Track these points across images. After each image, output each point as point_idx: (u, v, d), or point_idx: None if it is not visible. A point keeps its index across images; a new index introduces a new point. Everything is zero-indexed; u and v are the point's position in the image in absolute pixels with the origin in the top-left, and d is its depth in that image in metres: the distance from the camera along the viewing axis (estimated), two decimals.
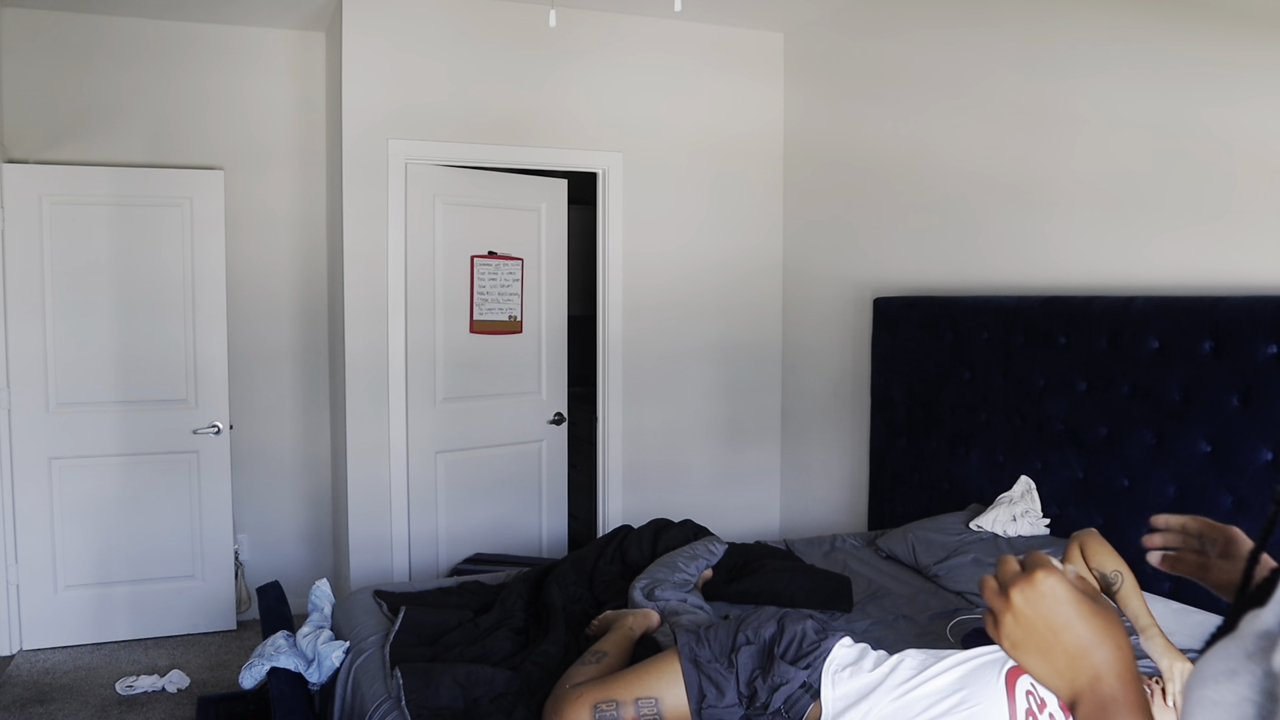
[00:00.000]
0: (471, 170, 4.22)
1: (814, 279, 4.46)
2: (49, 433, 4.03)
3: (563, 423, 4.59)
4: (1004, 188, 3.38)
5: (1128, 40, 2.88)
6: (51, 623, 4.08)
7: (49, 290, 3.99)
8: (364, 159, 3.94)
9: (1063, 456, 3.05)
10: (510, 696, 2.18)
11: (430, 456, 4.17)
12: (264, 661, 2.52)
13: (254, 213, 4.36)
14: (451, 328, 4.20)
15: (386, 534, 4.07)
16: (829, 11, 4.24)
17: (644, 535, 3.12)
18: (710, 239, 4.54)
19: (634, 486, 4.50)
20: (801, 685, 1.95)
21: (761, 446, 4.73)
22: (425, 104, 4.00)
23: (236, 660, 3.90)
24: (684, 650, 2.04)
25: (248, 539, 4.48)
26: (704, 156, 4.49)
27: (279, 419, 4.49)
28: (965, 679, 1.81)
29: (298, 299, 4.47)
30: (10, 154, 4.00)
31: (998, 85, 3.39)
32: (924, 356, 3.63)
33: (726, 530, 4.44)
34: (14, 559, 4.02)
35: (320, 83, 4.41)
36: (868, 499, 4.05)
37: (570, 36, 4.18)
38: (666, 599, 2.58)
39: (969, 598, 2.84)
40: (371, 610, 2.75)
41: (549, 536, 4.57)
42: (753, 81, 4.55)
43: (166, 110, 4.22)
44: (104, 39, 4.11)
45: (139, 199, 4.08)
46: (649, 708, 1.97)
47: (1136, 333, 2.77)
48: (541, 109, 4.18)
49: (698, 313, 4.55)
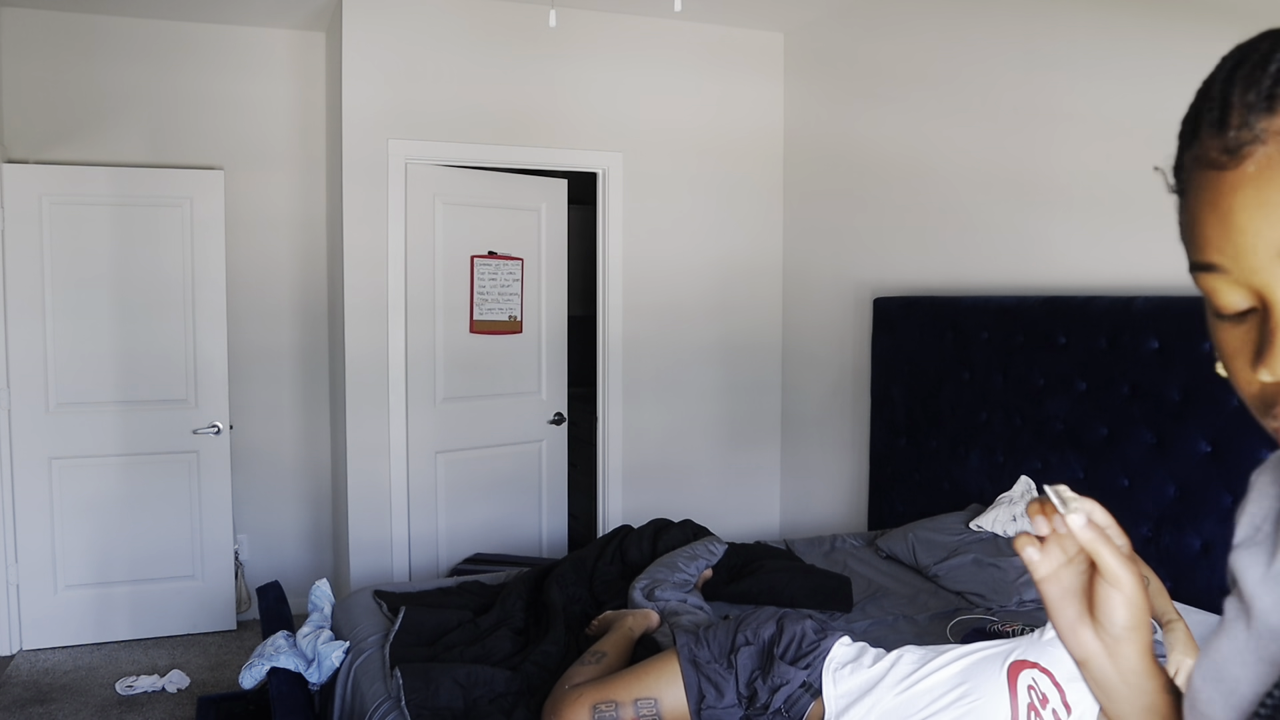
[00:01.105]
0: (471, 170, 4.22)
1: (814, 279, 4.46)
2: (49, 433, 4.03)
3: (563, 423, 4.59)
4: (1004, 187, 3.38)
5: (1127, 39, 2.88)
6: (51, 623, 4.08)
7: (49, 290, 3.99)
8: (364, 159, 3.94)
9: (1063, 456, 3.05)
10: (510, 696, 2.18)
11: (430, 457, 4.17)
12: (264, 661, 2.52)
13: (254, 213, 4.36)
14: (451, 328, 4.20)
15: (386, 534, 4.07)
16: (829, 11, 4.24)
17: (644, 535, 3.12)
18: (710, 239, 4.54)
19: (634, 486, 4.50)
20: (801, 685, 1.95)
21: (762, 446, 4.73)
22: (425, 104, 4.00)
23: (236, 660, 3.90)
24: (683, 651, 2.04)
25: (248, 539, 4.48)
26: (704, 156, 4.49)
27: (279, 419, 4.49)
28: (967, 673, 1.82)
29: (298, 299, 4.47)
30: (10, 154, 4.00)
31: (997, 85, 3.39)
32: (924, 356, 3.63)
33: (726, 530, 4.44)
34: (14, 559, 4.02)
35: (320, 83, 4.41)
36: (868, 499, 4.05)
37: (570, 36, 4.18)
38: (666, 599, 2.58)
39: (969, 598, 2.84)
40: (371, 610, 2.75)
41: (549, 536, 4.57)
42: (753, 81, 4.55)
43: (166, 110, 4.22)
44: (104, 39, 4.11)
45: (139, 199, 4.08)
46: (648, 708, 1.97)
47: (1136, 333, 2.77)
48: (541, 109, 4.18)
49: (698, 312, 4.55)
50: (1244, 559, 0.67)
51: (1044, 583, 0.71)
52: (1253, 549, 0.67)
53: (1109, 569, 0.66)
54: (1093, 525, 0.66)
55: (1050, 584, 0.71)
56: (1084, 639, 0.70)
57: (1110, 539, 0.67)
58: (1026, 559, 0.71)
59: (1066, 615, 0.71)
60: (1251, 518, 0.70)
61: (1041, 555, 0.70)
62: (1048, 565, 0.70)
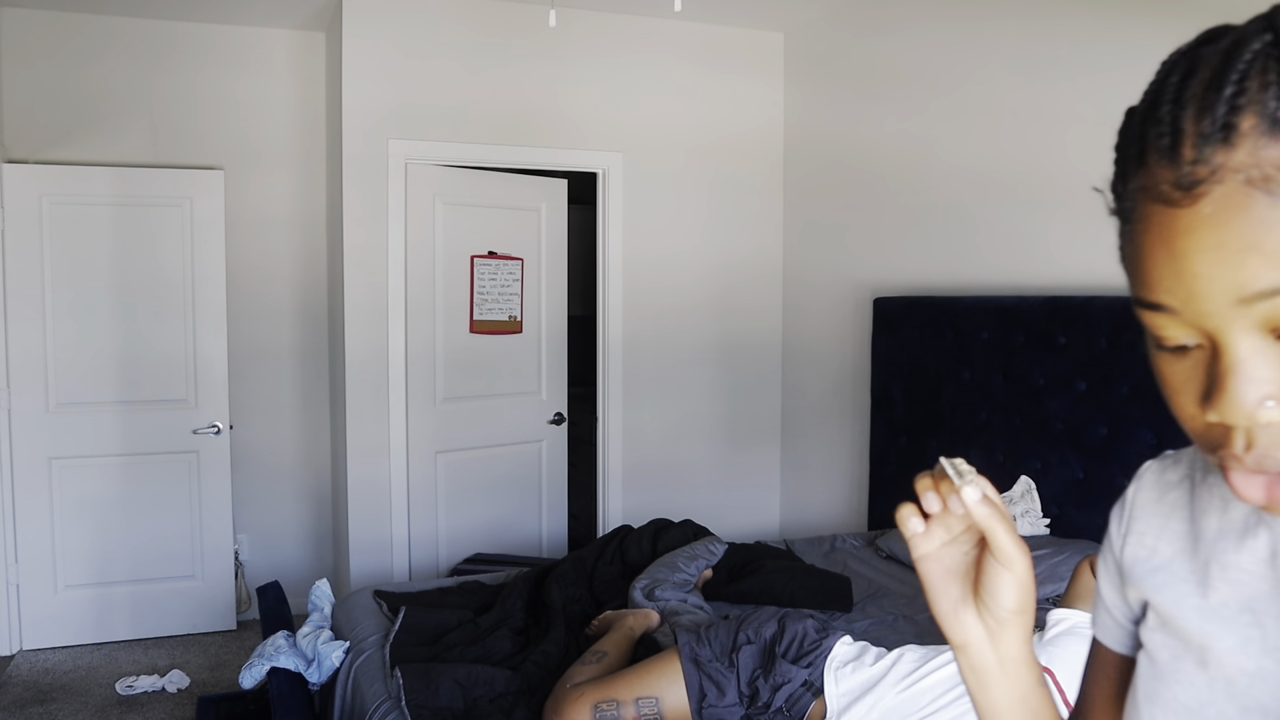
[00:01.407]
0: (471, 170, 4.22)
1: (814, 279, 4.46)
2: (49, 433, 4.03)
3: (563, 423, 4.59)
4: (1004, 188, 3.38)
5: (1127, 40, 2.88)
6: (51, 623, 4.07)
7: (49, 290, 3.99)
8: (364, 159, 3.94)
9: (1063, 456, 3.05)
10: (510, 696, 2.19)
11: (430, 456, 4.17)
12: (264, 661, 2.52)
13: (254, 213, 4.36)
14: (451, 328, 4.20)
15: (386, 534, 4.07)
16: (829, 11, 4.24)
17: (644, 535, 3.12)
18: (710, 239, 4.54)
19: (634, 486, 4.50)
20: (803, 684, 1.95)
21: (761, 446, 4.73)
22: (425, 104, 4.00)
23: (236, 660, 3.90)
24: (684, 650, 2.04)
25: (248, 539, 4.48)
26: (704, 156, 4.49)
27: (279, 419, 4.49)
28: None
29: (298, 299, 4.47)
30: (10, 154, 4.00)
31: (998, 85, 3.39)
32: (924, 356, 3.63)
33: (726, 530, 4.44)
34: (14, 559, 4.02)
35: (320, 83, 4.41)
36: (868, 499, 4.05)
37: (570, 36, 4.18)
38: (666, 599, 2.58)
39: None
40: (371, 610, 2.75)
41: (549, 536, 4.57)
42: (753, 81, 4.55)
43: (166, 110, 4.22)
44: (104, 39, 4.11)
45: (139, 199, 4.08)
46: (649, 707, 1.97)
47: (1136, 332, 2.75)
48: (541, 109, 4.18)
49: (698, 312, 4.55)
50: (1160, 585, 0.63)
51: (924, 560, 0.67)
52: (1165, 575, 0.63)
53: (1002, 548, 0.62)
54: (988, 500, 0.62)
55: (931, 562, 0.67)
56: (967, 622, 0.66)
57: (1005, 515, 0.63)
58: (909, 532, 0.66)
59: (949, 596, 0.67)
60: (1141, 536, 0.66)
61: (925, 531, 0.66)
62: (931, 542, 0.66)
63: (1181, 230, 0.49)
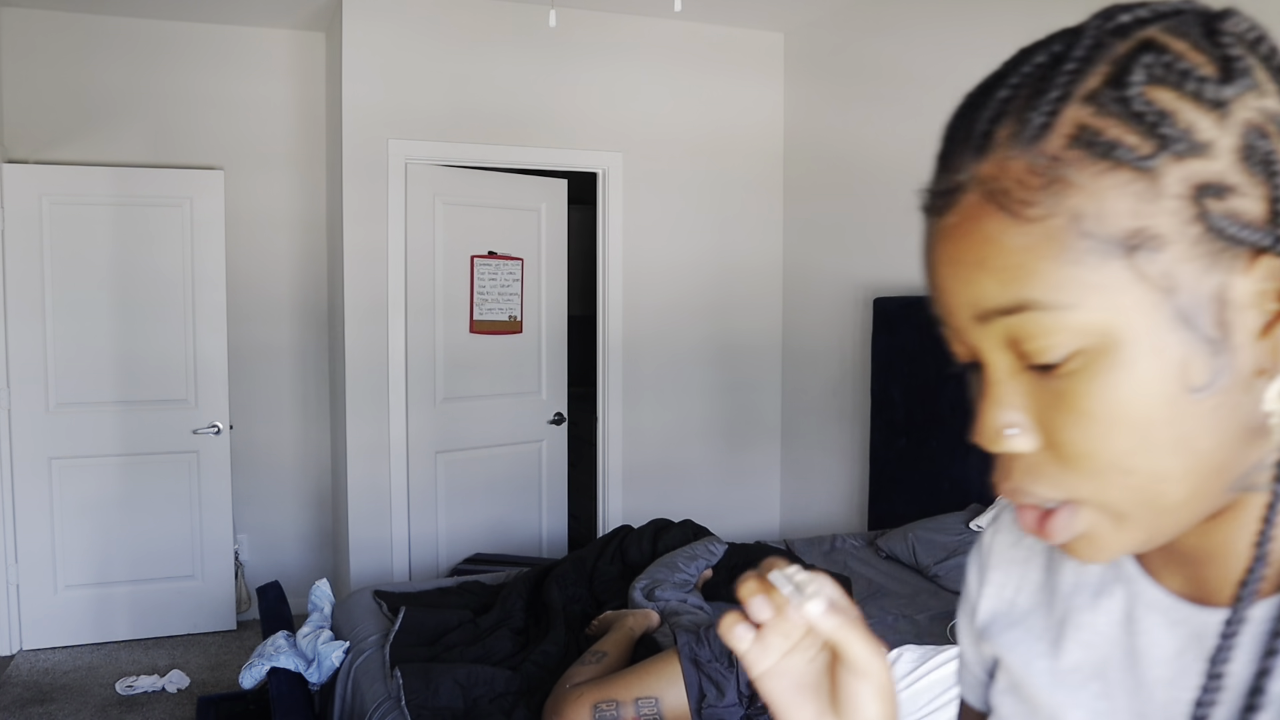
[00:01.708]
0: (471, 170, 4.22)
1: (814, 279, 4.46)
2: (49, 433, 4.03)
3: (563, 423, 4.59)
4: None
5: None
6: (51, 623, 4.08)
7: (49, 290, 3.99)
8: (364, 159, 3.94)
9: None
10: (510, 696, 2.19)
11: (430, 456, 4.17)
12: (264, 661, 2.52)
13: (254, 213, 4.36)
14: (451, 328, 4.20)
15: (386, 534, 4.07)
16: (829, 11, 4.24)
17: (644, 535, 3.12)
18: (710, 239, 4.54)
19: (634, 486, 4.50)
20: None
21: (761, 446, 4.73)
22: (425, 104, 4.00)
23: (236, 660, 3.90)
24: (684, 650, 2.04)
25: (248, 539, 4.48)
26: (704, 156, 4.49)
27: (279, 419, 4.49)
28: None
29: (298, 299, 4.47)
30: (10, 154, 4.00)
31: None
32: (924, 356, 3.63)
33: (726, 530, 4.44)
34: (14, 559, 4.02)
35: (320, 83, 4.41)
36: (868, 499, 4.05)
37: (570, 36, 4.18)
38: (666, 599, 2.58)
39: None
40: (371, 610, 2.75)
41: (549, 536, 4.57)
42: (753, 82, 4.55)
43: (166, 110, 4.22)
44: (104, 39, 4.11)
45: (139, 199, 4.08)
46: (649, 707, 1.97)
47: None
48: (541, 109, 4.18)
49: (698, 312, 4.55)
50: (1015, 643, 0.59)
51: (766, 678, 0.55)
52: (1021, 631, 0.59)
53: (857, 660, 0.52)
54: (833, 610, 0.52)
55: (774, 679, 0.55)
56: None
57: (855, 619, 0.53)
58: (739, 649, 0.54)
59: (802, 715, 0.55)
60: (1000, 588, 0.62)
61: (758, 644, 0.54)
62: (769, 655, 0.54)
63: (933, 240, 0.47)
